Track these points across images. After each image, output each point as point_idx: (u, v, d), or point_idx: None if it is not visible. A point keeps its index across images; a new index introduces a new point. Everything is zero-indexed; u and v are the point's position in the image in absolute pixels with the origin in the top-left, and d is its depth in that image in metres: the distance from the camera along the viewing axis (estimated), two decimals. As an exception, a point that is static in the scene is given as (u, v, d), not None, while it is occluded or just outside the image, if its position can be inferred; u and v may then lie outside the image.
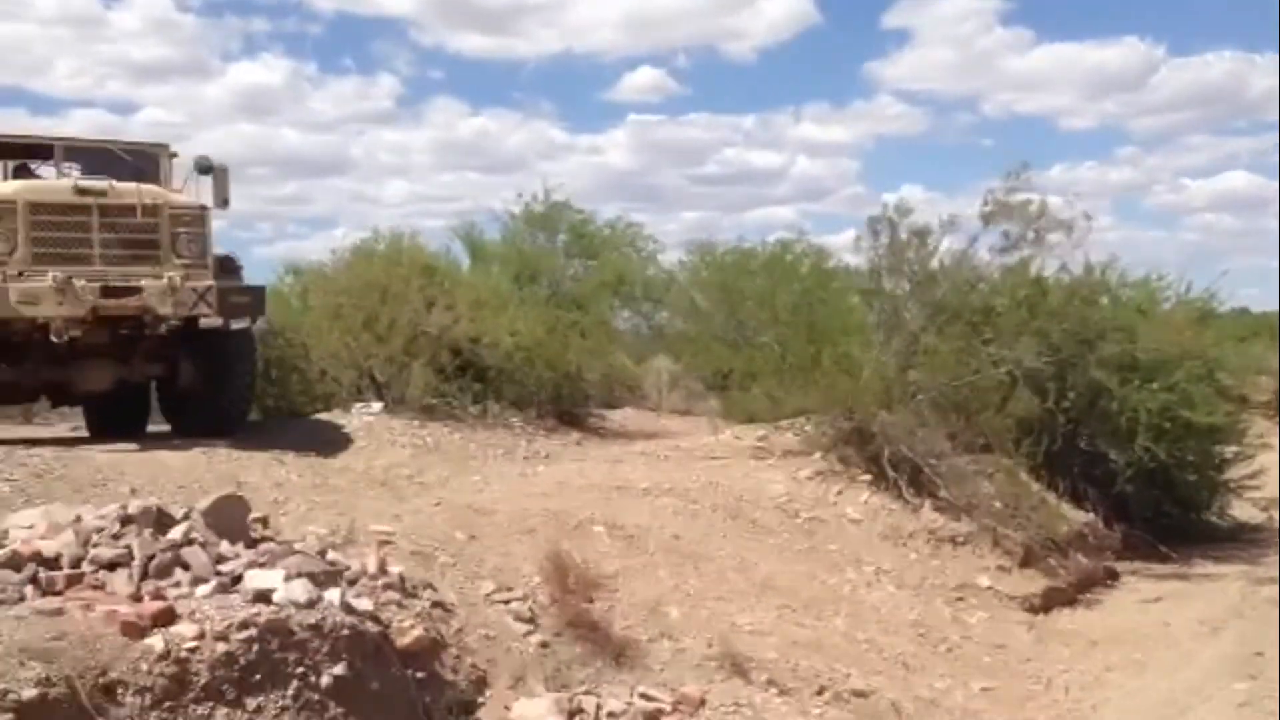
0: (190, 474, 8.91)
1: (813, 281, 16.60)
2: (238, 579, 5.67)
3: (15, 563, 5.48)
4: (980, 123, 73.31)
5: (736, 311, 16.51)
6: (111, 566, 5.57)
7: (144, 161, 11.28)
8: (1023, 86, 71.10)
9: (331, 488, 9.27)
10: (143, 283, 9.97)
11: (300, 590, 5.54)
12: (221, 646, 5.11)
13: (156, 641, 4.96)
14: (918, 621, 8.62)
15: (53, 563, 5.56)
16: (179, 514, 6.20)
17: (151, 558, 5.64)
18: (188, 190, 11.13)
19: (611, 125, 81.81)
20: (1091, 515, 11.88)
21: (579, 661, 6.75)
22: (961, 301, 12.42)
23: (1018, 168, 12.15)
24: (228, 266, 11.11)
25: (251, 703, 5.11)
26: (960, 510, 10.63)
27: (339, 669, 5.43)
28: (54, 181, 10.54)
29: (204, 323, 10.56)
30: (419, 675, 5.94)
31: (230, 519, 6.31)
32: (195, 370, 11.08)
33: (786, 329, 14.60)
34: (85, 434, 12.30)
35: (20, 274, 9.64)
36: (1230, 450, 13.70)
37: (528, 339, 14.17)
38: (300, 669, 5.33)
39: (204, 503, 6.37)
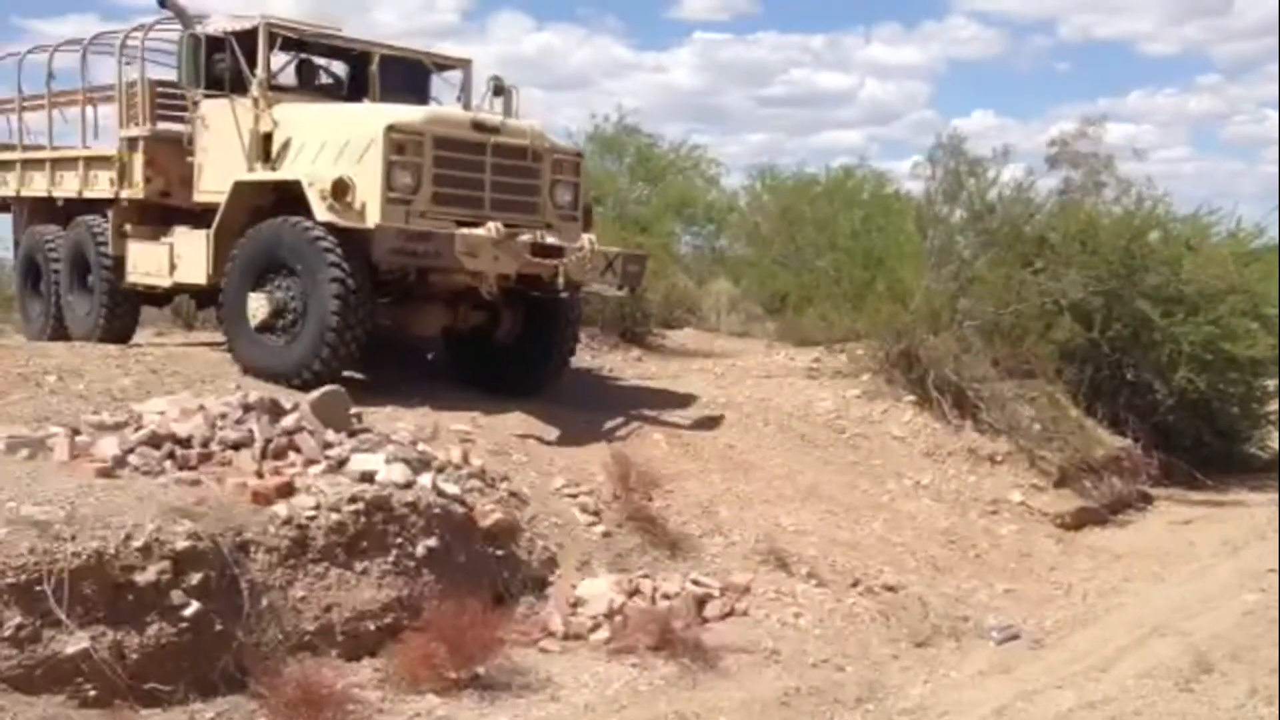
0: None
1: (872, 208, 16.99)
2: (343, 462, 6.51)
3: (155, 441, 6.36)
4: (1056, 46, 71.69)
5: (796, 236, 16.93)
6: (236, 447, 6.45)
7: (441, 75, 10.69)
8: (1101, 9, 69.49)
9: (412, 391, 10.00)
10: (554, 241, 9.10)
11: (399, 473, 6.38)
12: (334, 516, 5.97)
13: (281, 509, 5.84)
14: (950, 529, 9.25)
15: (185, 442, 6.43)
16: (289, 405, 7.03)
17: (269, 441, 6.49)
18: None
19: (677, 43, 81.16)
20: (1130, 441, 12.35)
21: (638, 550, 7.56)
22: (1015, 233, 12.83)
23: (1095, 117, 12.78)
24: (587, 218, 10.09)
25: (359, 565, 5.99)
26: (1000, 432, 11.15)
27: (432, 541, 6.28)
28: (453, 112, 9.72)
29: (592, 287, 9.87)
30: (498, 553, 6.79)
31: (333, 411, 7.12)
32: (515, 323, 10.07)
33: (844, 254, 15.07)
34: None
35: (423, 214, 8.76)
36: (1272, 383, 13.89)
37: (593, 259, 14.79)
38: (399, 539, 6.20)
39: (312, 395, 7.18)
